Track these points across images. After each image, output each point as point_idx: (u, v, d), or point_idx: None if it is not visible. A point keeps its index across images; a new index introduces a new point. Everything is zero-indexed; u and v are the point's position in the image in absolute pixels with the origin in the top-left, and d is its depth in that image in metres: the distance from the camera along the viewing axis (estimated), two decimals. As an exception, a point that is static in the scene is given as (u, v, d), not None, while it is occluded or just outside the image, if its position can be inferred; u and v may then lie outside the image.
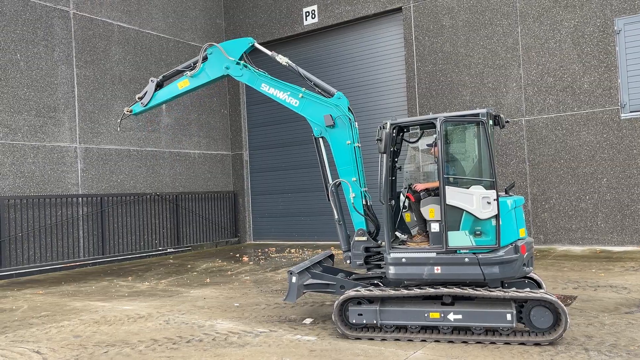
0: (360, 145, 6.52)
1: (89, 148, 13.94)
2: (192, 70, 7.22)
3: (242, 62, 7.05)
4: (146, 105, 7.57)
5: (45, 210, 12.85)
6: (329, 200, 6.57)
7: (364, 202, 6.36)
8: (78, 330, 6.70)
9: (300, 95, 6.62)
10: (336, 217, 6.53)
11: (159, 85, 7.60)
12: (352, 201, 6.33)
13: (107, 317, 7.37)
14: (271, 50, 7.33)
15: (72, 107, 13.67)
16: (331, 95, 6.56)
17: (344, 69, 15.83)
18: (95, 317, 7.44)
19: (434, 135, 5.85)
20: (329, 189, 6.54)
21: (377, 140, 5.87)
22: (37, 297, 9.28)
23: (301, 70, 6.93)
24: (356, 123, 6.56)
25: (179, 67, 7.48)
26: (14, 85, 12.59)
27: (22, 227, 12.37)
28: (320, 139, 6.60)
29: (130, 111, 7.69)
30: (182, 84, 7.30)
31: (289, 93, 6.71)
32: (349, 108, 6.50)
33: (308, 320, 6.64)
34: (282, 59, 7.02)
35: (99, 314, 7.59)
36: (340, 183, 6.46)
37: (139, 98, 7.62)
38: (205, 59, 7.15)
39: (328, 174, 6.60)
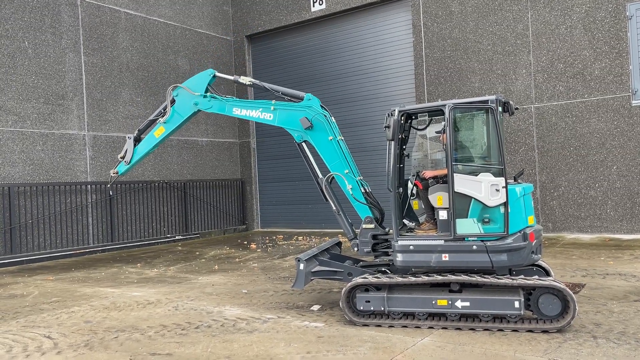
0: (342, 137, 6.66)
1: (97, 135, 13.99)
2: (163, 116, 7.40)
3: (208, 94, 7.20)
4: (130, 162, 7.74)
5: (55, 198, 12.94)
6: (326, 200, 6.63)
7: (362, 191, 6.42)
8: (88, 316, 6.77)
9: (272, 107, 6.75)
10: (334, 208, 6.60)
11: (137, 140, 7.77)
12: (350, 193, 6.39)
13: (117, 303, 7.44)
14: (233, 75, 7.60)
15: (80, 95, 13.70)
16: (301, 99, 6.70)
17: (352, 56, 15.73)
18: (105, 303, 7.51)
19: (443, 123, 5.81)
20: (322, 184, 6.59)
21: (385, 127, 5.85)
22: (47, 283, 9.38)
23: (266, 84, 7.07)
24: (332, 117, 6.68)
25: (151, 117, 7.68)
26: (22, 72, 12.62)
27: (32, 214, 12.48)
28: (303, 144, 6.71)
29: (117, 172, 7.86)
30: (158, 132, 7.50)
31: (260, 109, 6.84)
32: (321, 105, 6.64)
33: (316, 307, 6.68)
34: (244, 80, 7.20)
35: (109, 300, 7.67)
36: (332, 178, 6.54)
37: (121, 157, 7.78)
38: (173, 101, 7.33)
39: (319, 174, 6.69)
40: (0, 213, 11.94)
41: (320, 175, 6.65)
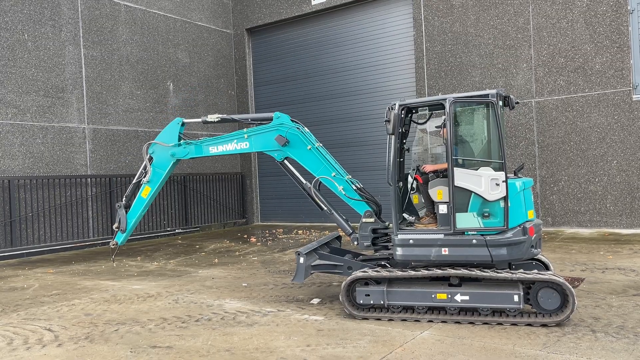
0: (320, 144, 6.79)
1: (97, 129, 13.97)
2: (145, 175, 7.57)
3: (182, 142, 7.40)
4: (126, 229, 7.83)
5: (55, 191, 12.94)
6: (321, 208, 6.70)
7: (354, 188, 6.46)
8: (89, 309, 6.79)
9: (246, 136, 6.91)
10: (325, 208, 6.67)
11: (127, 206, 7.89)
12: (343, 193, 6.47)
13: (117, 296, 7.46)
14: (200, 117, 7.73)
15: (79, 88, 13.67)
16: (270, 119, 6.87)
17: (352, 50, 15.69)
18: (105, 296, 7.53)
19: (443, 117, 5.81)
20: (311, 192, 6.68)
21: (386, 121, 5.85)
22: (47, 276, 9.40)
23: (234, 116, 7.31)
24: (305, 127, 6.83)
25: (134, 181, 7.84)
26: (22, 65, 12.59)
27: (32, 207, 12.48)
28: (285, 161, 6.83)
29: (116, 243, 7.95)
30: (145, 193, 7.66)
31: (235, 141, 7.01)
32: (291, 119, 6.80)
33: (316, 301, 6.70)
34: (211, 117, 7.44)
35: (109, 293, 7.69)
36: (319, 183, 6.63)
37: (116, 228, 7.87)
38: (151, 159, 7.53)
39: (304, 183, 6.79)
40: (0, 206, 11.95)
41: (304, 182, 6.76)
